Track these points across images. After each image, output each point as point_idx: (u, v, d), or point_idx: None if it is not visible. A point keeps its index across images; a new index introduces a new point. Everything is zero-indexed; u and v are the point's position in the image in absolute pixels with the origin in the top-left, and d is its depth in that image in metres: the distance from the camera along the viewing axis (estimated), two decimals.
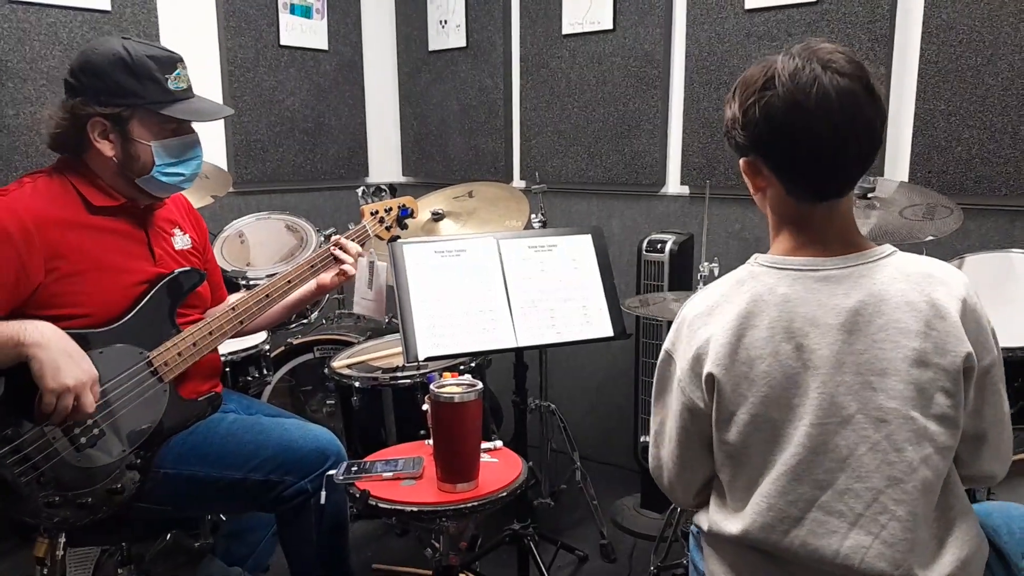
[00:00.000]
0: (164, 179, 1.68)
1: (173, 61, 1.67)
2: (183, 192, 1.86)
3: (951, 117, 2.35)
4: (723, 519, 1.21)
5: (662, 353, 1.26)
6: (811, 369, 1.12)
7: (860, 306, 1.12)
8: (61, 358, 1.47)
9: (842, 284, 1.13)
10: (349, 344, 2.60)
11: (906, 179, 2.45)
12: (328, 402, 2.89)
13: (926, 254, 1.27)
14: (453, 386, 1.58)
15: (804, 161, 1.13)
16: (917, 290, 1.12)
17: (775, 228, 1.23)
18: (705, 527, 1.25)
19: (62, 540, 1.57)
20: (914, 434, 1.09)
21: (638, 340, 2.69)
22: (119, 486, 1.58)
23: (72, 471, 1.53)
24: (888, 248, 1.17)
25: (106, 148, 1.63)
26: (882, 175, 2.49)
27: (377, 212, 2.12)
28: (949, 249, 2.29)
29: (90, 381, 1.50)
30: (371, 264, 2.54)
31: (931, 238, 1.94)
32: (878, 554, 1.08)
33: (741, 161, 1.21)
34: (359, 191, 2.46)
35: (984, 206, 2.34)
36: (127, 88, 1.61)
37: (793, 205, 1.18)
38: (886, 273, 1.14)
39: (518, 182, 3.42)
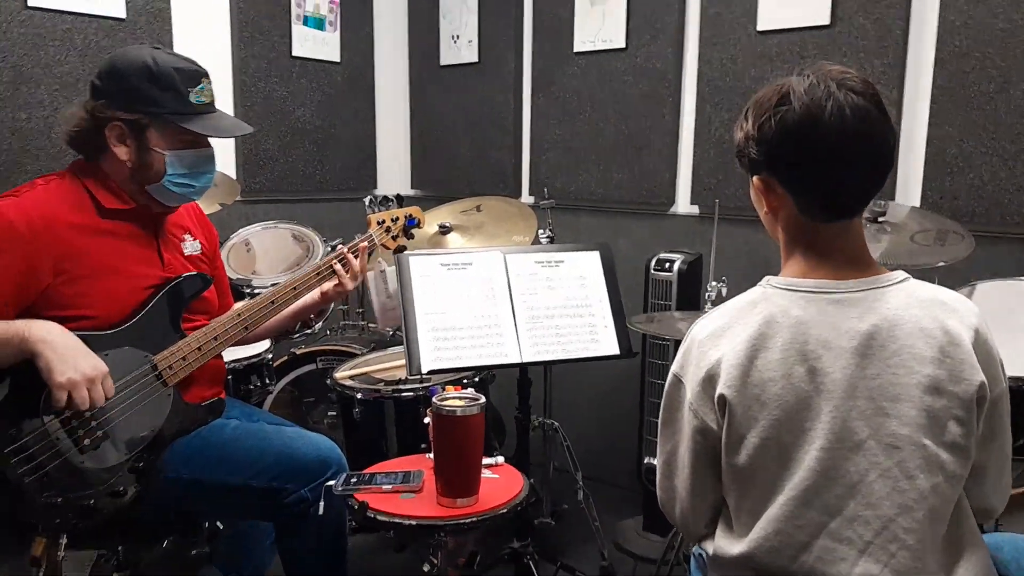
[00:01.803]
0: (174, 189, 1.69)
1: (198, 75, 1.68)
2: None
3: (963, 143, 2.34)
4: (728, 544, 1.19)
5: (670, 377, 1.24)
6: (824, 393, 1.10)
7: (874, 330, 1.10)
8: (68, 353, 1.47)
9: (856, 307, 1.12)
10: (352, 355, 2.58)
11: (918, 204, 2.44)
12: (330, 413, 2.87)
13: (937, 280, 1.26)
14: (455, 399, 1.57)
15: (818, 176, 1.13)
16: (930, 317, 1.11)
17: (787, 250, 1.22)
18: (711, 551, 1.23)
19: (63, 541, 1.56)
20: (925, 461, 1.08)
21: (644, 360, 2.67)
22: (121, 489, 1.58)
23: (75, 472, 1.53)
24: (901, 274, 1.17)
25: (121, 152, 1.64)
26: (893, 199, 2.48)
27: (384, 222, 2.12)
28: (960, 276, 2.26)
29: (99, 376, 1.50)
30: (382, 273, 2.53)
31: (942, 264, 1.93)
32: None
33: (754, 179, 1.20)
34: (366, 200, 2.46)
35: (997, 233, 2.32)
36: (148, 96, 1.62)
37: (806, 224, 1.17)
38: (899, 299, 1.13)
39: (527, 198, 3.42)
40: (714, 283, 2.13)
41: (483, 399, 1.57)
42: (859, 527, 1.08)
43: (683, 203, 2.99)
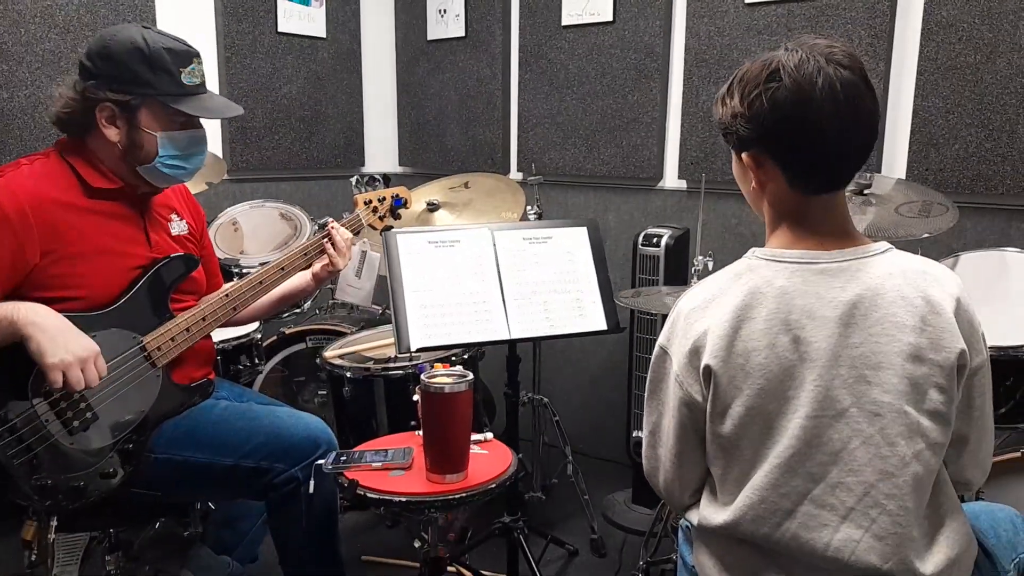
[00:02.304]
0: (166, 170, 1.68)
1: (189, 56, 1.67)
2: None
3: (949, 115, 2.34)
4: (713, 512, 1.21)
5: (656, 350, 1.25)
6: (808, 361, 1.12)
7: (857, 299, 1.12)
8: (59, 335, 1.47)
9: (839, 277, 1.14)
10: (342, 334, 2.59)
11: (903, 176, 2.44)
12: (320, 392, 2.88)
13: (921, 252, 1.27)
14: (443, 377, 1.57)
15: (810, 151, 1.13)
16: (912, 286, 1.12)
17: (772, 223, 1.23)
18: (695, 521, 1.25)
19: (53, 524, 1.57)
20: (907, 428, 1.10)
21: (632, 334, 2.69)
22: (111, 470, 1.58)
23: (64, 454, 1.53)
24: (884, 245, 1.18)
25: (112, 134, 1.63)
26: (879, 171, 2.49)
27: (371, 202, 2.11)
28: (944, 247, 2.29)
29: (91, 356, 1.50)
30: (364, 253, 2.53)
31: (926, 235, 1.94)
32: (868, 547, 1.09)
33: (744, 156, 1.20)
34: (353, 180, 2.45)
35: (981, 204, 2.33)
36: (140, 77, 1.61)
37: (794, 198, 1.18)
38: (882, 268, 1.14)
39: (515, 174, 3.41)
40: (700, 257, 2.14)
41: (471, 376, 1.58)
42: (841, 493, 1.10)
43: (671, 178, 2.98)
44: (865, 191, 2.04)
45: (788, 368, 1.12)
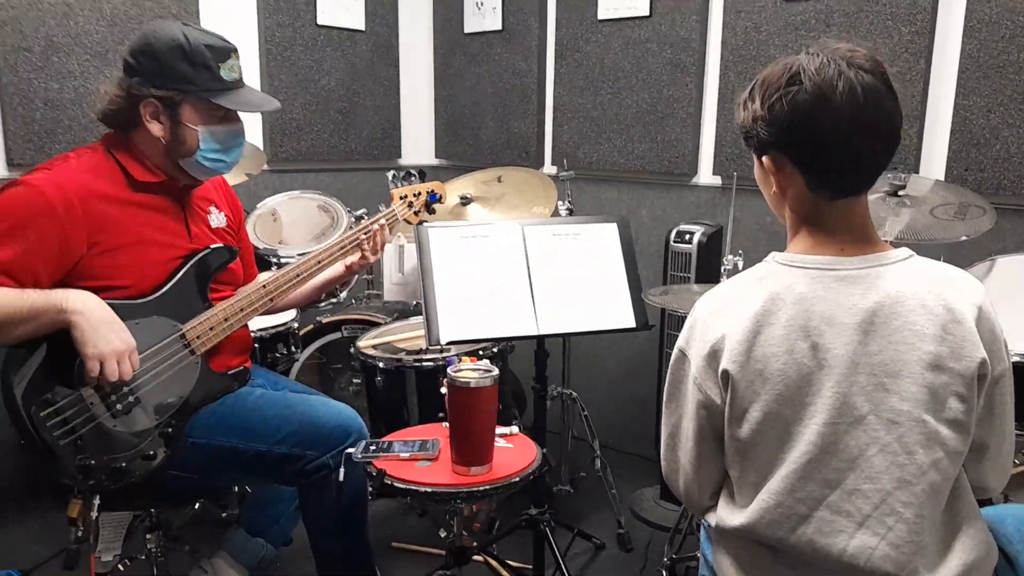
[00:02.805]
0: (206, 163, 1.74)
1: (228, 51, 1.72)
2: None
3: (990, 114, 2.30)
4: (730, 514, 1.22)
5: (675, 352, 1.26)
6: (826, 368, 1.12)
7: (877, 307, 1.12)
8: (101, 326, 1.54)
9: (859, 284, 1.13)
10: (376, 324, 2.63)
11: (942, 177, 2.40)
12: (355, 381, 2.93)
13: (959, 254, 1.26)
14: (469, 371, 1.60)
15: (830, 155, 1.13)
16: (934, 294, 1.12)
17: (793, 227, 1.23)
18: (713, 523, 1.27)
19: (96, 502, 1.64)
20: (925, 437, 1.09)
21: (663, 332, 2.69)
22: (151, 452, 1.65)
23: (107, 436, 1.60)
24: (906, 251, 1.17)
25: (155, 128, 1.69)
26: (917, 172, 2.45)
27: (406, 196, 2.15)
28: (983, 250, 2.24)
29: (128, 350, 1.57)
30: (401, 248, 2.57)
31: (964, 238, 1.91)
32: (884, 555, 1.09)
33: (764, 159, 1.21)
34: (389, 175, 2.48)
35: (1022, 207, 2.29)
36: (182, 74, 1.66)
37: (814, 202, 1.18)
38: (903, 276, 1.14)
39: (549, 167, 3.42)
40: (731, 256, 2.13)
41: (496, 371, 1.60)
42: (858, 500, 1.11)
43: (705, 174, 2.97)
44: (900, 192, 2.02)
45: (806, 375, 1.12)
